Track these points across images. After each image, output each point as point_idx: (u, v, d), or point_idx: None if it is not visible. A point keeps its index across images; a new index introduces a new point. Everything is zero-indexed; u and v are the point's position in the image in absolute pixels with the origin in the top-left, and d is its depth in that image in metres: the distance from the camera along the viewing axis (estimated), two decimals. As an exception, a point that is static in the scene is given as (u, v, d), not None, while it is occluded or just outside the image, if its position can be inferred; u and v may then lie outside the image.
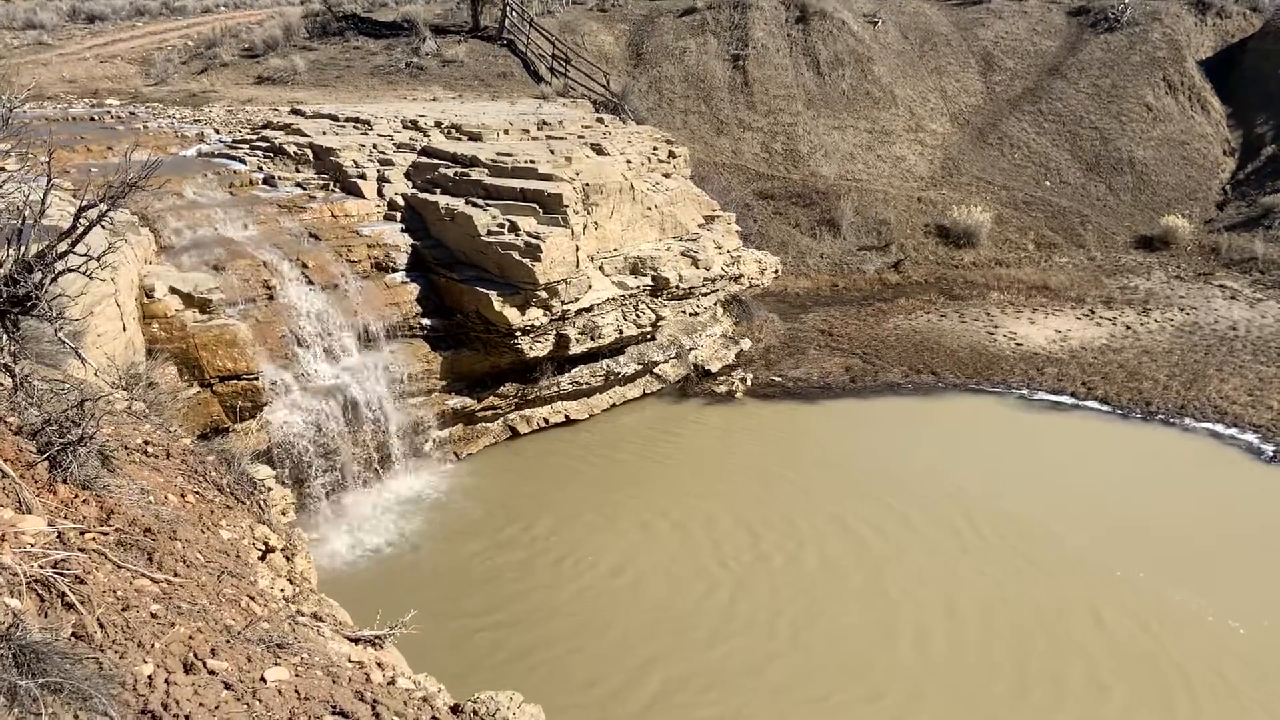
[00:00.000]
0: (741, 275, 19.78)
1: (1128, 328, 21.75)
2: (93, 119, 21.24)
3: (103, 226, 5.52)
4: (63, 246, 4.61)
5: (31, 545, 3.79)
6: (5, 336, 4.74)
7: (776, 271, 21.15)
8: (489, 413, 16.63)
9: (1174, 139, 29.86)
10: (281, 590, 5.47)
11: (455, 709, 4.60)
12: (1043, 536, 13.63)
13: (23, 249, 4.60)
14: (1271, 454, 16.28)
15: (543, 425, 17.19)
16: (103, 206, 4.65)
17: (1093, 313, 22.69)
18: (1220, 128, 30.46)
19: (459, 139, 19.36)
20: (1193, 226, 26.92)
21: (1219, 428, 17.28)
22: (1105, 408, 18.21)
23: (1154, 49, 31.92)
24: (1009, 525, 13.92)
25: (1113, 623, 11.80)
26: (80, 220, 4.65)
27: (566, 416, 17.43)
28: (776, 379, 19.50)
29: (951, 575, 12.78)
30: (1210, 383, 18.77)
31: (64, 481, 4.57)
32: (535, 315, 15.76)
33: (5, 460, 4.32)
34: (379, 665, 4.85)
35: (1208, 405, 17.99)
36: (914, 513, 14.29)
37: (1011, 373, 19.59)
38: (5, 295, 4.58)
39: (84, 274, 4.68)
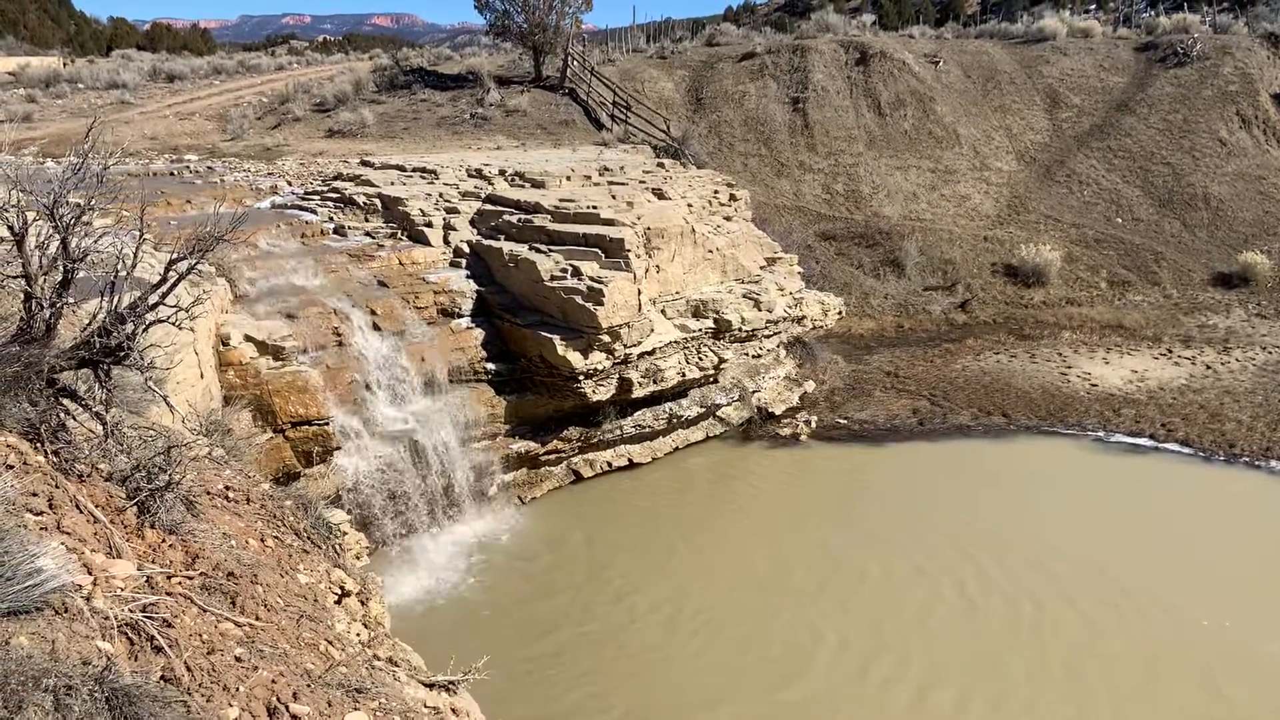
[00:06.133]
0: (804, 317, 19.66)
1: (1208, 367, 21.08)
2: (172, 174, 22.10)
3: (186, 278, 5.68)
4: (154, 298, 4.76)
5: (122, 589, 3.87)
6: (97, 385, 4.90)
7: (840, 313, 20.99)
8: (552, 456, 16.68)
9: (1249, 174, 29.12)
10: (357, 634, 5.50)
11: (530, 758, 4.55)
12: (1124, 586, 13.14)
13: (116, 301, 4.76)
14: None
15: (605, 469, 17.18)
16: (191, 260, 4.81)
17: (1170, 352, 22.05)
18: (1298, 161, 29.62)
19: (522, 186, 19.69)
20: (1273, 263, 26.13)
21: (1309, 470, 16.60)
22: (1186, 450, 17.60)
23: (1226, 83, 31.29)
24: (1090, 574, 13.45)
25: (1201, 676, 11.29)
26: (170, 273, 4.81)
27: (629, 460, 17.41)
28: (842, 421, 19.26)
29: (1031, 626, 12.38)
30: (1297, 423, 18.05)
31: (151, 526, 4.68)
32: (598, 359, 15.83)
33: (97, 506, 4.44)
34: (454, 711, 4.84)
35: (1296, 447, 17.28)
36: (991, 559, 13.90)
37: (1086, 414, 19.07)
38: (98, 346, 4.73)
39: (174, 324, 4.83)
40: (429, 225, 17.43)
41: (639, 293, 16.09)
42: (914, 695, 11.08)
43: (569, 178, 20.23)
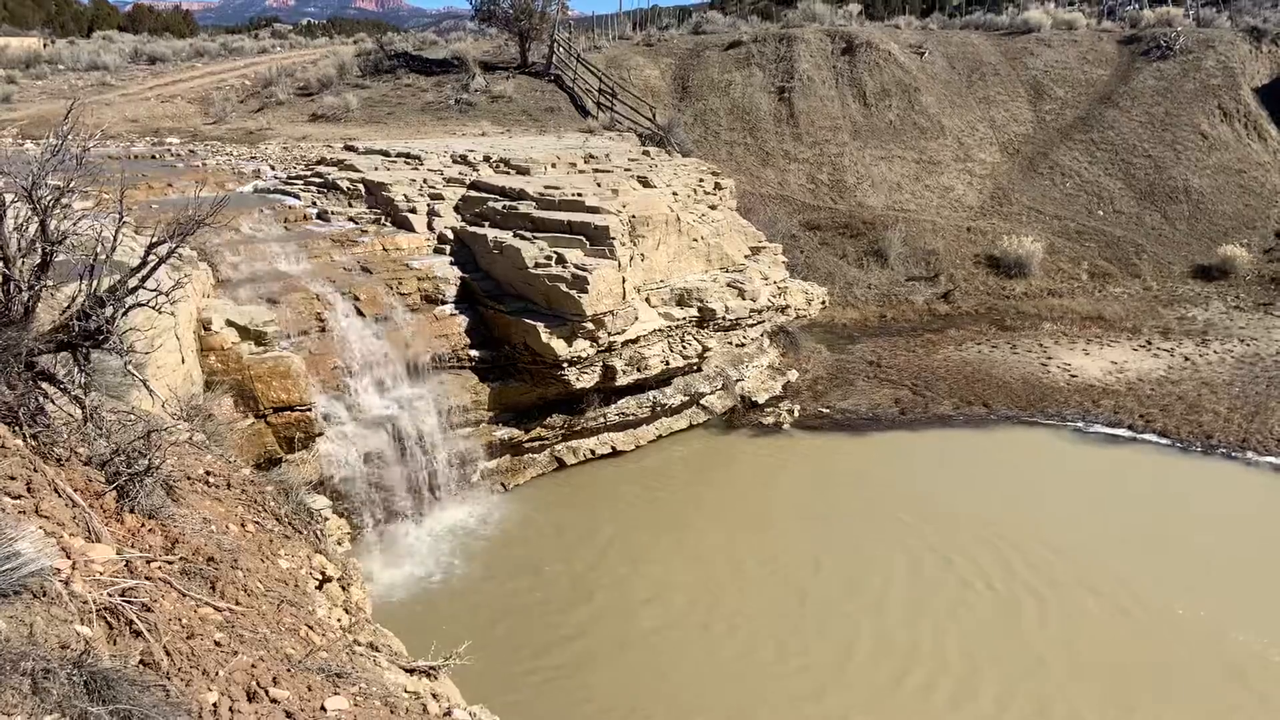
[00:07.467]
0: (788, 306, 19.72)
1: (1186, 359, 21.28)
2: (154, 157, 21.89)
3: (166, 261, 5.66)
4: (133, 282, 4.74)
5: (101, 574, 3.87)
6: (76, 369, 4.88)
7: (823, 302, 21.06)
8: (536, 444, 16.69)
9: (1230, 167, 29.33)
10: (338, 620, 5.51)
11: (510, 742, 4.58)
12: (1101, 575, 13.28)
13: (95, 284, 4.73)
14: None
15: (589, 456, 17.20)
16: (172, 244, 4.78)
17: (1149, 344, 22.24)
18: (1278, 155, 29.86)
19: (507, 173, 19.62)
20: (1251, 256, 26.37)
21: (1284, 461, 16.81)
22: (1164, 441, 17.79)
23: (1208, 76, 31.47)
24: (1066, 564, 13.58)
25: (1176, 664, 11.45)
26: (150, 256, 4.79)
27: (613, 448, 17.43)
28: (824, 410, 19.35)
29: (1011, 617, 12.51)
30: (1273, 415, 18.26)
31: (131, 511, 4.67)
32: (582, 346, 15.83)
33: (76, 490, 4.43)
34: (434, 696, 4.86)
35: (1270, 438, 17.49)
36: (969, 551, 14.01)
37: (1066, 405, 19.23)
38: (77, 329, 4.71)
39: (153, 309, 4.81)
40: (413, 211, 17.36)
41: (623, 281, 16.09)
42: (892, 680, 11.17)
43: (554, 165, 20.18)
